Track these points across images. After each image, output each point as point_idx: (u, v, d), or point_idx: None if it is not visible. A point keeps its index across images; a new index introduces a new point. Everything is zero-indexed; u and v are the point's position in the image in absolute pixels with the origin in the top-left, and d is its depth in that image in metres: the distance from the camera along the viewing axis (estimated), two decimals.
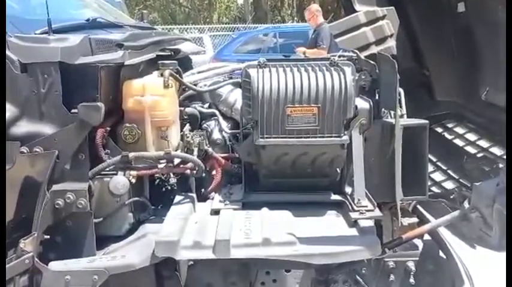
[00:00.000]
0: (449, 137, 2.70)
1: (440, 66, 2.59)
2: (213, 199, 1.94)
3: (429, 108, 2.66)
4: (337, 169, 1.84)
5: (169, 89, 1.80)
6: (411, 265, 1.85)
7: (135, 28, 2.41)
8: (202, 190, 1.99)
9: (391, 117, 2.03)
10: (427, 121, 1.86)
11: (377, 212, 1.71)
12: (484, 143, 2.52)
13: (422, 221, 2.01)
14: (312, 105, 1.69)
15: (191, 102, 2.17)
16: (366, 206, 1.73)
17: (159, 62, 1.90)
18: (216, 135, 2.09)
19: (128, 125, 1.79)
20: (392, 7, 2.61)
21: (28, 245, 1.53)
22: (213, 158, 1.95)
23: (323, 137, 1.70)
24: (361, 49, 2.61)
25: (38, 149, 1.61)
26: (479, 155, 2.48)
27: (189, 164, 1.82)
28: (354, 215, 1.69)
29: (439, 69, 2.61)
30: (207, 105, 2.19)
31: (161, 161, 1.78)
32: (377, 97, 2.13)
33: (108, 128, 1.76)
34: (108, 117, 1.77)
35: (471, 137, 2.61)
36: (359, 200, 1.74)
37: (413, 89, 2.53)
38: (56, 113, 1.63)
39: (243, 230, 1.61)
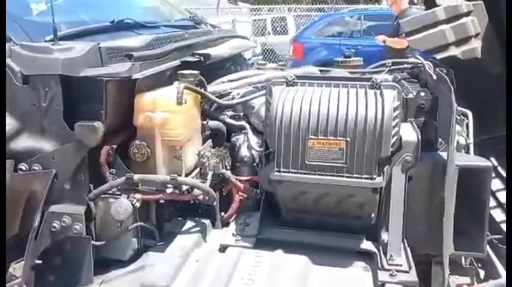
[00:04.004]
0: None
1: None
2: (228, 224, 1.74)
3: None
4: (370, 214, 1.54)
5: (183, 105, 1.60)
6: None
7: (171, 27, 2.23)
8: (222, 213, 1.80)
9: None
10: (490, 164, 1.48)
11: (412, 276, 1.40)
12: None
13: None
14: (339, 138, 1.40)
15: (221, 113, 1.96)
16: (400, 265, 1.42)
17: (179, 72, 1.71)
18: (244, 152, 1.87)
19: (137, 142, 1.63)
20: (481, 1, 2.17)
21: (18, 270, 1.46)
22: (230, 183, 1.74)
23: (350, 177, 1.41)
24: (437, 50, 2.24)
25: (36, 167, 1.52)
26: None
27: (198, 192, 1.62)
28: (382, 276, 1.40)
29: None
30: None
31: (168, 185, 1.61)
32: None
33: (115, 146, 1.61)
34: (116, 133, 1.62)
35: None
36: (392, 256, 1.44)
37: (500, 100, 2.10)
38: (56, 129, 1.52)
39: (245, 280, 1.39)
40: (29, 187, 1.50)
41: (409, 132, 1.54)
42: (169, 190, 1.60)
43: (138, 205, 1.59)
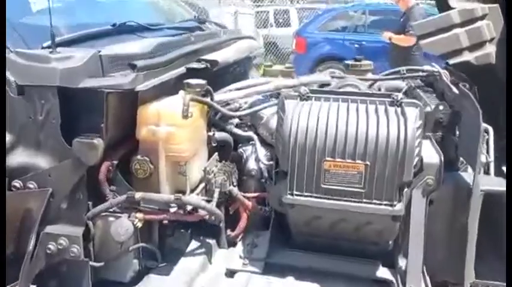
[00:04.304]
0: None
1: None
2: (235, 243, 1.65)
3: None
4: (388, 241, 1.44)
5: (189, 118, 1.49)
6: None
7: (175, 29, 2.11)
8: (228, 231, 1.70)
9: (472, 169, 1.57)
10: None
11: None
12: None
13: None
14: (358, 161, 1.30)
15: (227, 123, 1.85)
16: None
17: (185, 82, 1.60)
18: (252, 165, 1.77)
19: (139, 158, 1.52)
20: (497, 5, 2.06)
21: None
22: (238, 201, 1.64)
23: (369, 203, 1.31)
24: (451, 55, 2.14)
25: (31, 185, 1.41)
26: None
27: (204, 212, 1.52)
28: None
29: None
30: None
31: (172, 205, 1.51)
32: (457, 136, 1.68)
33: (115, 162, 1.50)
34: (117, 147, 1.52)
35: None
36: None
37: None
38: (53, 144, 1.41)
39: None
40: (24, 206, 1.40)
41: (431, 153, 1.44)
42: (173, 209, 1.51)
43: (139, 225, 1.49)
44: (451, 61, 2.13)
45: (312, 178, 1.33)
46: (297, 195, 1.35)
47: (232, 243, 1.68)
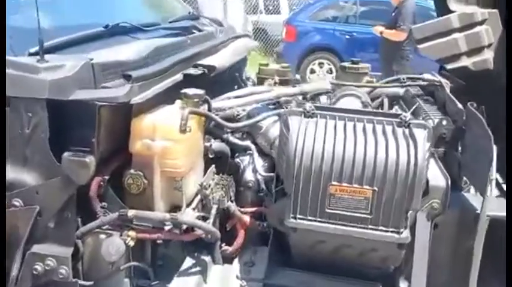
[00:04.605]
0: None
1: None
2: (231, 259, 1.59)
3: None
4: (392, 267, 1.40)
5: (187, 133, 1.41)
6: None
7: (169, 30, 2.01)
8: (223, 245, 1.63)
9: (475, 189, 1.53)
10: None
11: None
12: None
13: None
14: (366, 187, 1.24)
15: (224, 131, 1.77)
16: None
17: (182, 92, 1.52)
18: (249, 176, 1.70)
19: (132, 172, 1.44)
20: (496, 10, 2.01)
21: None
22: (236, 217, 1.57)
23: (375, 230, 1.26)
24: (448, 60, 2.11)
25: (17, 202, 1.32)
26: None
27: (200, 231, 1.46)
28: None
29: None
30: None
31: (166, 223, 1.43)
32: (459, 152, 1.63)
33: (107, 177, 1.42)
34: (109, 161, 1.44)
35: None
36: None
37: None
38: (41, 159, 1.32)
39: None
40: (9, 225, 1.31)
41: (437, 176, 1.39)
42: (167, 227, 1.44)
43: (131, 243, 1.42)
44: (449, 66, 2.09)
45: (317, 202, 1.27)
46: (300, 219, 1.29)
47: (228, 258, 1.62)
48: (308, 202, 1.28)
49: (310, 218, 1.29)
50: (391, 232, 1.26)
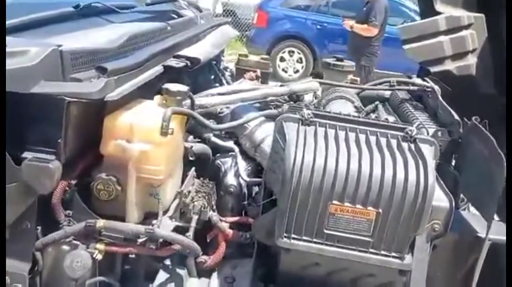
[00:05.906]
0: None
1: None
2: (210, 271, 1.45)
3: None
4: None
5: (169, 135, 1.25)
6: None
7: (147, 13, 1.80)
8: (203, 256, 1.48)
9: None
10: None
11: None
12: None
13: None
14: (370, 208, 1.12)
15: (205, 131, 1.62)
16: None
17: (163, 87, 1.34)
18: (231, 180, 1.57)
19: (103, 176, 1.27)
20: (482, 15, 1.95)
21: None
22: (217, 228, 1.43)
23: (376, 254, 1.15)
24: (433, 63, 2.04)
25: None
26: None
27: (177, 246, 1.30)
28: None
29: None
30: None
31: (141, 236, 1.27)
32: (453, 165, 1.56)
33: (73, 181, 1.24)
34: (76, 164, 1.25)
35: None
36: None
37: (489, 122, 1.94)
38: None
39: None
40: None
41: (440, 195, 1.29)
42: (141, 240, 1.27)
43: (99, 257, 1.25)
44: (433, 69, 2.03)
45: (314, 220, 1.14)
46: (294, 239, 1.16)
47: (206, 271, 1.48)
48: (304, 221, 1.15)
49: (305, 238, 1.16)
50: (393, 257, 1.15)
